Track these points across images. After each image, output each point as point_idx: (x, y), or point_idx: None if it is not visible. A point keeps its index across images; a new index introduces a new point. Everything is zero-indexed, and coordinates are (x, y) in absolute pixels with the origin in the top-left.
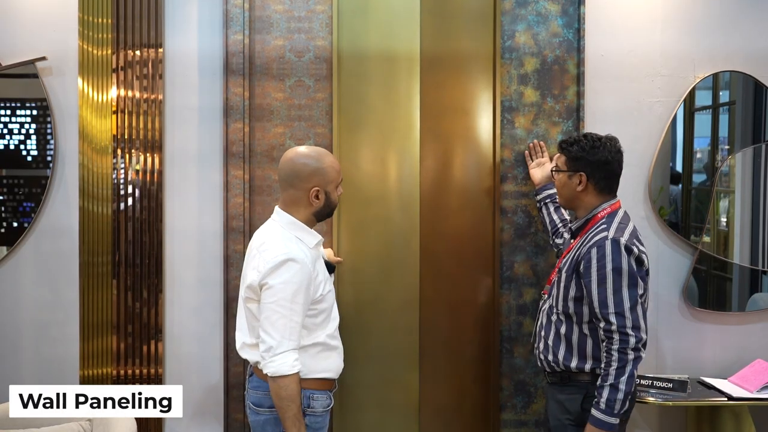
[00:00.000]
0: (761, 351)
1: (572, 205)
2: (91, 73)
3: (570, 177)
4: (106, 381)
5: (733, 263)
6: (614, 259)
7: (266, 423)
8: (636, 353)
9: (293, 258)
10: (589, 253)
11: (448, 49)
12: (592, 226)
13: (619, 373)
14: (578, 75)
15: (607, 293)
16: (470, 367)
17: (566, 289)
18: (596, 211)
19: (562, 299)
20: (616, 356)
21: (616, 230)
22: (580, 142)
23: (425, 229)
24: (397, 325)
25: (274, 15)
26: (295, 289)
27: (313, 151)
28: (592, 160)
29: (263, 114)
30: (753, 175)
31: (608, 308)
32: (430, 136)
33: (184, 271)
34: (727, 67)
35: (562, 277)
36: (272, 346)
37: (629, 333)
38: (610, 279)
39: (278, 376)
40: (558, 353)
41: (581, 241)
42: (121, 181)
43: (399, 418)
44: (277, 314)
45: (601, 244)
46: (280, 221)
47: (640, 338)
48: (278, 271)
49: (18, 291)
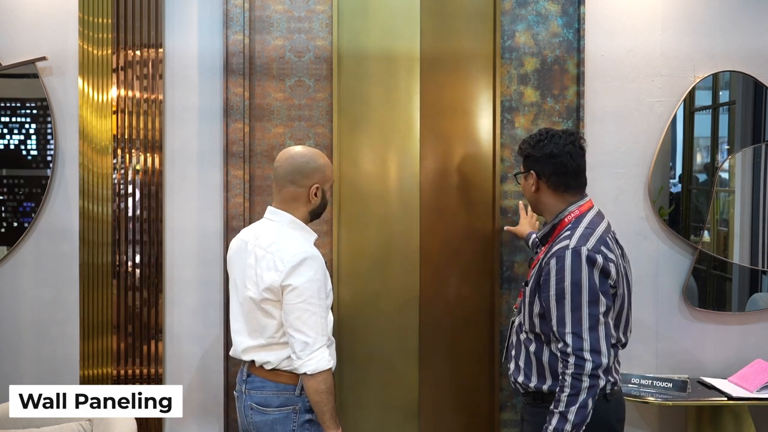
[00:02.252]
0: (761, 351)
1: (536, 210)
2: (91, 73)
3: (525, 178)
4: (106, 381)
5: (733, 263)
6: (573, 272)
7: (275, 422)
8: (592, 380)
9: (311, 256)
10: (548, 265)
11: (448, 48)
12: (559, 232)
13: (570, 402)
14: (578, 75)
15: (565, 310)
16: (470, 367)
17: (531, 305)
18: (562, 216)
19: (528, 316)
20: (569, 381)
21: (579, 238)
22: (530, 139)
23: (425, 229)
24: (397, 325)
25: (274, 15)
26: (319, 285)
27: (310, 151)
28: (539, 156)
29: (263, 114)
30: (753, 175)
31: (565, 327)
32: (430, 136)
33: (184, 271)
34: (727, 67)
35: (527, 292)
36: (309, 344)
37: (585, 357)
38: (568, 294)
39: (318, 372)
40: (530, 375)
41: (546, 251)
42: (121, 181)
43: (399, 418)
44: (308, 312)
45: (561, 254)
46: (281, 221)
47: (598, 363)
48: (300, 270)
49: (18, 291)
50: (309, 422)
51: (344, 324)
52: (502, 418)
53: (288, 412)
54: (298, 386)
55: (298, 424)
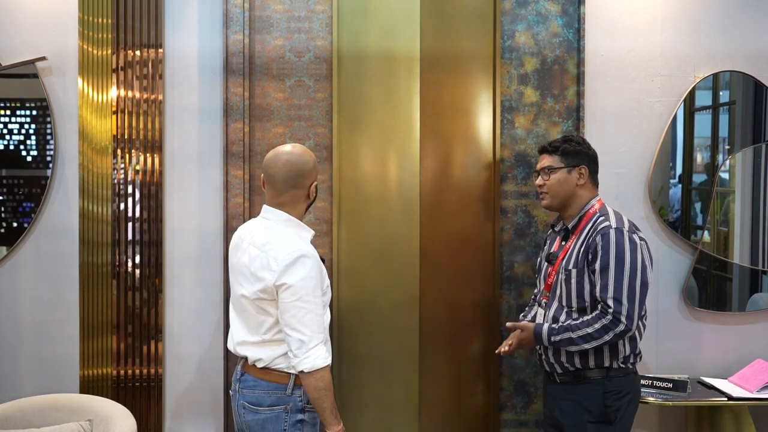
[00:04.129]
0: (761, 351)
1: (567, 202)
2: (91, 73)
3: (569, 172)
4: (106, 381)
5: (733, 263)
6: (617, 247)
7: (266, 421)
8: (614, 338)
9: (305, 254)
10: (594, 241)
11: (448, 48)
12: (588, 220)
13: (586, 338)
14: (578, 75)
15: (608, 279)
16: (470, 367)
17: (579, 284)
18: (587, 208)
19: (576, 296)
20: (597, 327)
21: (617, 220)
22: (570, 140)
23: (425, 229)
24: (397, 325)
25: (274, 15)
26: (314, 283)
27: (299, 150)
28: (590, 154)
29: (263, 114)
30: (753, 175)
31: (607, 293)
32: (430, 136)
33: (184, 271)
34: (727, 67)
35: (572, 274)
36: (305, 341)
37: (621, 320)
38: (612, 266)
39: (315, 369)
40: (573, 354)
41: (580, 236)
42: (121, 181)
43: (399, 418)
44: (303, 311)
45: (606, 232)
46: (276, 219)
47: (628, 328)
48: (294, 269)
49: (18, 291)
50: (300, 422)
51: (344, 323)
52: (502, 418)
53: (279, 411)
54: (290, 385)
55: (290, 424)
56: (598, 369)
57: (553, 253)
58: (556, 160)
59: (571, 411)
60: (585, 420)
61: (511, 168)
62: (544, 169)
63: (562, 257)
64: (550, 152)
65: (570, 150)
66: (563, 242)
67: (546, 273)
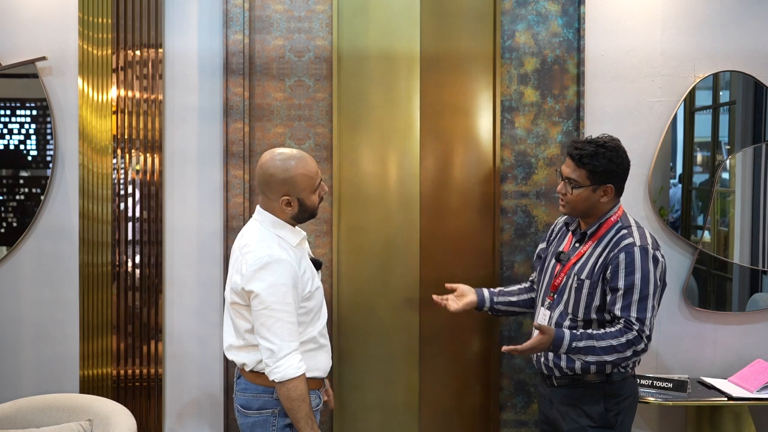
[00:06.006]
0: (761, 351)
1: (587, 215)
2: (91, 73)
3: (594, 191)
4: (106, 381)
5: (733, 263)
6: (643, 266)
7: (255, 425)
8: (633, 356)
9: (276, 259)
10: (617, 259)
11: (448, 48)
12: (607, 229)
13: (609, 350)
14: (578, 75)
15: (632, 299)
16: (470, 367)
17: (590, 296)
18: (609, 215)
19: (584, 307)
20: (622, 342)
21: (640, 237)
22: (601, 154)
23: (425, 229)
24: (397, 325)
25: (274, 15)
26: (284, 290)
27: (285, 158)
28: (619, 171)
29: (263, 114)
30: (753, 175)
31: (631, 312)
32: (430, 135)
33: (184, 271)
34: (727, 67)
35: (585, 284)
36: (274, 351)
37: (643, 339)
38: (638, 286)
39: (286, 380)
40: (574, 359)
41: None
42: (121, 181)
43: (399, 418)
44: (272, 319)
45: (630, 250)
46: (262, 220)
47: (645, 349)
48: (261, 274)
49: (18, 291)
50: (289, 426)
51: (344, 323)
52: (502, 418)
53: (267, 415)
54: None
55: (278, 428)
56: (598, 374)
57: (564, 252)
58: (582, 176)
59: (571, 415)
60: (586, 424)
61: (511, 168)
62: (568, 180)
63: (575, 261)
64: (576, 164)
65: (600, 169)
66: (577, 244)
67: (554, 272)
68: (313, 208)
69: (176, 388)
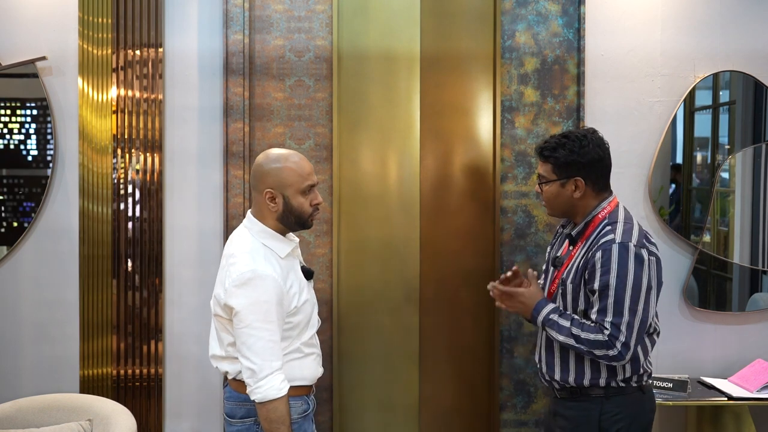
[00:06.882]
0: (761, 351)
1: (569, 213)
2: (91, 73)
3: (563, 185)
4: (106, 381)
5: (733, 263)
6: (620, 266)
7: None
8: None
9: (259, 274)
10: (593, 257)
11: (448, 49)
12: (594, 228)
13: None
14: (578, 75)
15: (608, 302)
16: (470, 367)
17: (574, 301)
18: (595, 213)
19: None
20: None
21: (623, 233)
22: (565, 144)
23: (425, 228)
24: (397, 325)
25: (274, 15)
26: (266, 308)
27: (278, 152)
28: (585, 162)
29: (263, 114)
30: (753, 175)
31: (606, 316)
32: (430, 135)
33: (184, 271)
34: (727, 67)
35: (568, 289)
36: (255, 371)
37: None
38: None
39: (266, 401)
40: (568, 372)
41: (584, 246)
42: (121, 181)
43: (399, 418)
44: (252, 338)
45: (607, 247)
46: (251, 228)
47: (622, 356)
48: (242, 291)
49: (18, 291)
50: None
51: (344, 323)
52: (502, 418)
53: (250, 424)
54: None
55: None
56: (597, 387)
57: (559, 257)
58: (548, 170)
59: (567, 428)
60: None
61: (511, 168)
62: (538, 177)
63: (566, 266)
64: (541, 158)
65: (562, 161)
66: (571, 247)
67: (552, 277)
68: (299, 211)
69: (176, 388)
